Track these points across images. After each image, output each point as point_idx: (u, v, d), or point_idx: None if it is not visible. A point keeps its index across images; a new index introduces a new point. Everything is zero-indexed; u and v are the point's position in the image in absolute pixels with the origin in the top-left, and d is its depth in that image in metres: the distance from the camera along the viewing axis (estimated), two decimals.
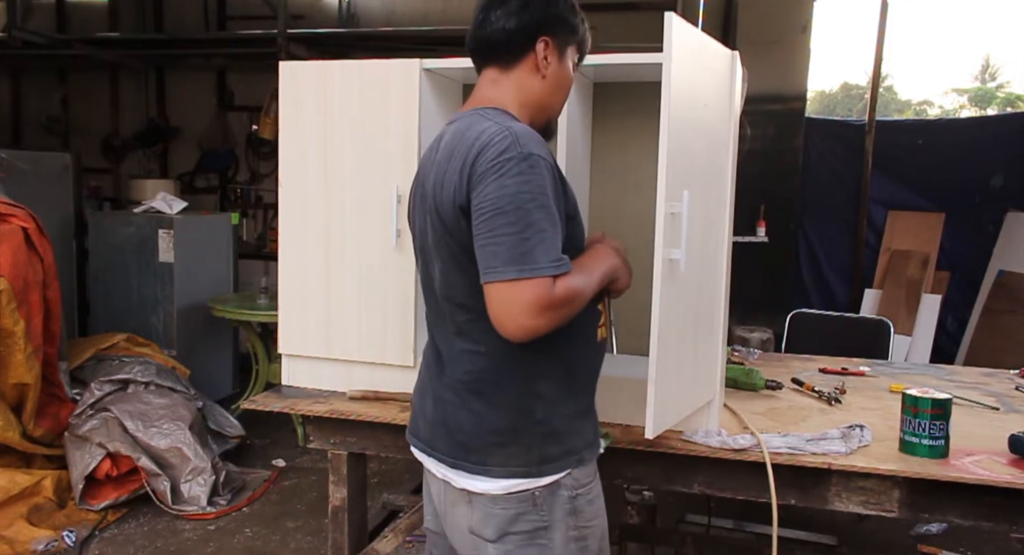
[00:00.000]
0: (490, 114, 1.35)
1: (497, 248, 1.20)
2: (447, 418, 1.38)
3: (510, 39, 1.41)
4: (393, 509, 2.97)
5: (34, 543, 2.87)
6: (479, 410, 1.34)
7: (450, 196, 1.29)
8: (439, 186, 1.32)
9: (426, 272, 1.44)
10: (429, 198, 1.36)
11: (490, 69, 1.46)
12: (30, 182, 4.03)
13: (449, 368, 1.39)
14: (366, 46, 4.95)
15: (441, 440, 1.39)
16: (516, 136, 1.26)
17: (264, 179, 6.01)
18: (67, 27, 6.13)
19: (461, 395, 1.36)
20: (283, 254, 2.23)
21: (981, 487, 1.62)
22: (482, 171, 1.24)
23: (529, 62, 1.42)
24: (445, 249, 1.33)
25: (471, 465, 1.34)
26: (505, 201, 1.21)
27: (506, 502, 1.33)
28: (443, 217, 1.31)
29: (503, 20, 1.41)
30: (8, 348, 3.10)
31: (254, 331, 4.16)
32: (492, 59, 1.45)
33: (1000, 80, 27.63)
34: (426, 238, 1.40)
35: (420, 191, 1.42)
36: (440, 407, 1.40)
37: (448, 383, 1.38)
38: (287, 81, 2.17)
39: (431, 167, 1.38)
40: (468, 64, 2.09)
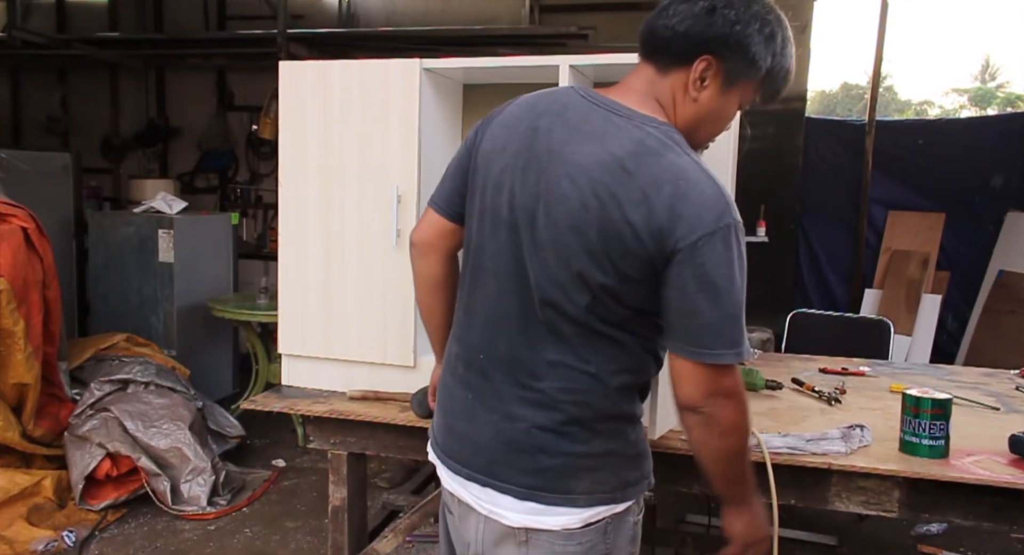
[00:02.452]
0: (679, 143, 1.19)
1: (715, 325, 1.14)
2: (524, 439, 1.21)
3: (671, 42, 1.21)
4: (393, 509, 2.97)
5: (34, 543, 2.87)
6: (574, 431, 1.21)
7: (632, 224, 1.12)
8: (612, 205, 1.13)
9: (509, 255, 1.23)
10: (579, 200, 1.15)
11: (649, 65, 1.25)
12: (30, 182, 4.03)
13: (529, 379, 1.22)
14: (366, 46, 4.95)
15: (507, 466, 1.22)
16: (728, 201, 1.15)
17: (264, 179, 6.01)
18: (67, 27, 6.13)
19: (550, 414, 1.21)
20: (283, 254, 2.23)
21: (981, 487, 1.62)
22: (695, 239, 1.11)
23: (682, 76, 1.22)
24: (582, 257, 1.16)
25: (552, 495, 1.20)
26: (727, 279, 1.13)
27: (582, 536, 1.21)
28: (605, 233, 1.14)
29: (678, 19, 1.20)
30: (8, 348, 3.10)
31: (254, 331, 4.16)
32: (652, 55, 1.24)
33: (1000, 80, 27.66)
34: (522, 220, 1.20)
35: (519, 163, 1.22)
36: (509, 426, 1.23)
37: (527, 398, 1.22)
38: (287, 81, 2.17)
39: (580, 157, 1.17)
40: (468, 64, 2.10)
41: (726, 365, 1.16)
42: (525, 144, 1.22)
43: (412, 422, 1.97)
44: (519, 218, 1.21)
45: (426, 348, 2.21)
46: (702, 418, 1.18)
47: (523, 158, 1.22)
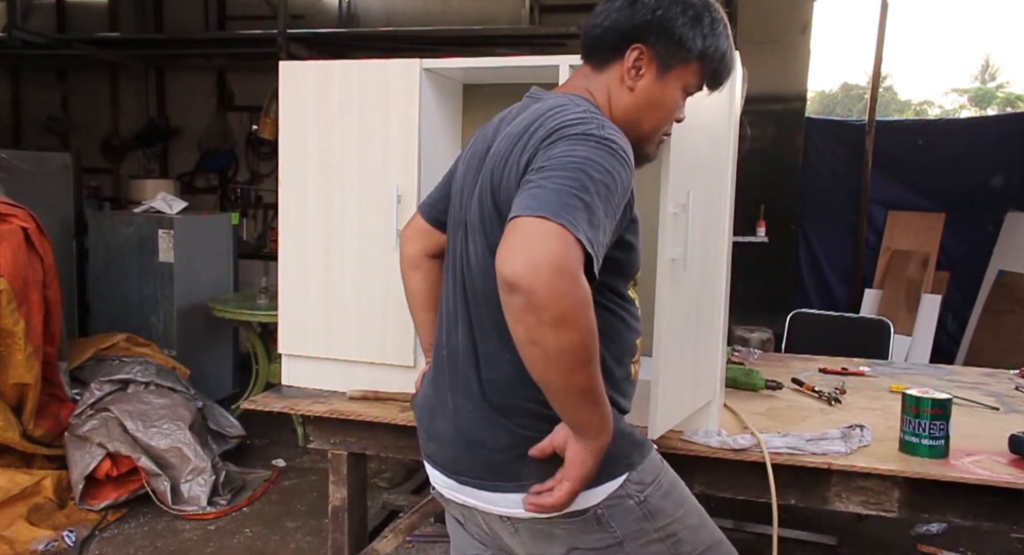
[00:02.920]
0: (582, 103, 1.21)
1: (541, 191, 1.02)
2: (468, 432, 1.23)
3: (601, 38, 1.26)
4: (393, 509, 2.97)
5: (34, 543, 2.87)
6: (507, 421, 1.19)
7: (513, 170, 1.14)
8: (502, 160, 1.17)
9: (459, 251, 1.27)
10: (487, 170, 1.21)
11: (585, 64, 1.31)
12: (30, 182, 4.03)
13: (471, 370, 1.23)
14: (366, 46, 4.95)
15: (463, 459, 1.24)
16: (603, 123, 1.13)
17: (264, 179, 6.01)
18: (67, 27, 6.13)
19: (484, 404, 1.20)
20: (283, 254, 2.23)
21: (981, 487, 1.62)
22: (554, 139, 1.10)
23: (617, 69, 1.26)
24: (493, 229, 1.17)
25: (507, 484, 1.19)
26: (571, 162, 1.06)
27: (564, 521, 1.19)
28: (498, 193, 1.16)
29: (603, 16, 1.26)
30: (8, 348, 3.10)
31: (254, 331, 4.16)
32: (587, 55, 1.30)
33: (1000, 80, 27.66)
34: (469, 213, 1.24)
35: (474, 162, 1.28)
36: (457, 419, 1.24)
37: (471, 390, 1.23)
38: (287, 81, 2.17)
39: (497, 138, 1.24)
40: (468, 64, 2.11)
41: (546, 222, 0.99)
42: (476, 149, 1.32)
43: (412, 422, 1.97)
44: (465, 216, 1.27)
45: None
46: (522, 300, 0.97)
47: (473, 160, 1.30)
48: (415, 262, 1.51)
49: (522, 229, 0.99)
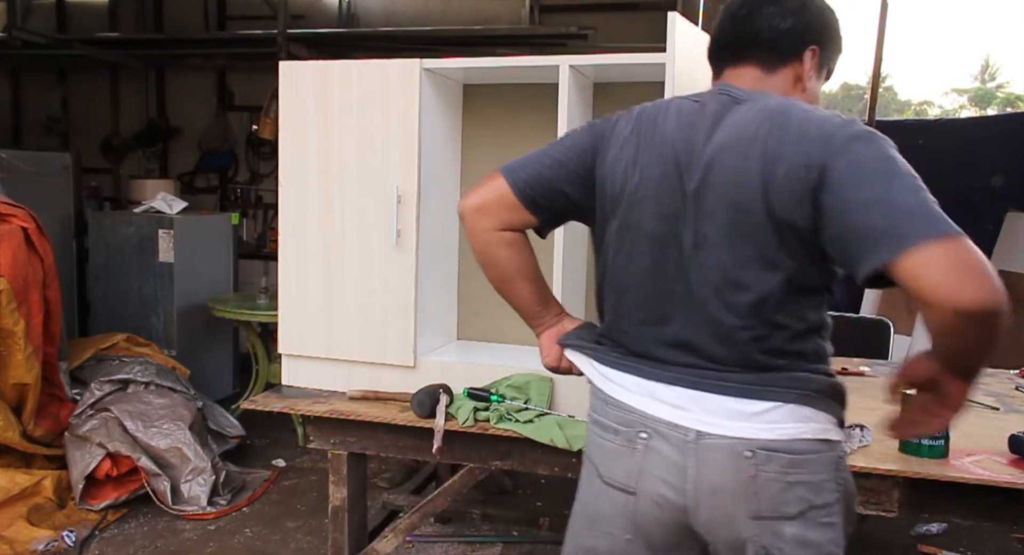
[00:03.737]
0: (796, 100, 1.22)
1: (912, 207, 1.02)
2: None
3: (780, 39, 1.27)
4: (393, 509, 2.97)
5: (34, 543, 2.87)
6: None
7: (796, 185, 1.10)
8: (759, 171, 1.12)
9: (672, 264, 1.22)
10: (728, 184, 1.15)
11: (748, 67, 1.28)
12: (30, 182, 4.03)
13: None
14: (366, 46, 4.95)
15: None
16: (864, 124, 1.16)
17: (264, 179, 6.01)
18: (67, 27, 6.13)
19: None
20: (283, 254, 2.23)
21: (981, 487, 1.62)
22: (841, 144, 1.09)
23: (792, 70, 1.28)
24: (757, 237, 1.14)
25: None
26: (891, 164, 1.08)
27: (818, 457, 1.17)
28: (773, 204, 1.12)
29: (777, 18, 1.26)
30: (8, 348, 3.10)
31: (254, 331, 4.16)
32: (753, 57, 1.28)
33: (1000, 80, 27.65)
34: (697, 222, 1.19)
35: (682, 171, 1.21)
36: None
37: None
38: (287, 81, 2.17)
39: (715, 147, 1.18)
40: (468, 64, 2.11)
41: (961, 243, 0.99)
42: (653, 161, 1.24)
43: (412, 422, 1.97)
44: (680, 227, 1.21)
45: (426, 348, 2.22)
46: (990, 320, 0.98)
47: (663, 165, 1.23)
48: (508, 240, 1.36)
49: (946, 256, 0.98)
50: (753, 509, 1.15)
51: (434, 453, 1.92)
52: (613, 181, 1.28)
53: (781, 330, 1.17)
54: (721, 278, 1.17)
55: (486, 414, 1.95)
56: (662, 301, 1.24)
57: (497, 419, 1.92)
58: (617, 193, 1.27)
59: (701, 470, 1.16)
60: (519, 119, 2.35)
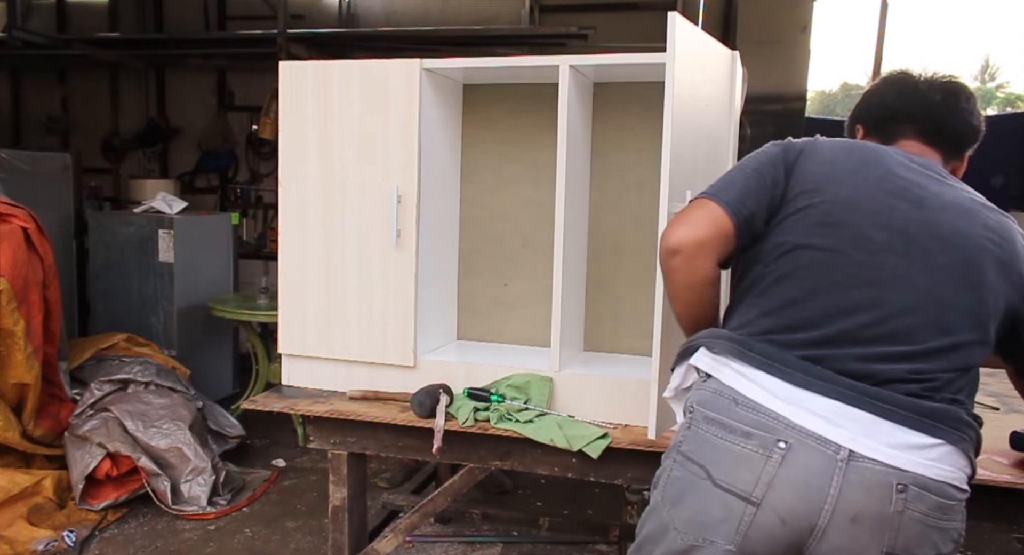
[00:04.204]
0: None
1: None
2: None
3: (966, 137, 1.41)
4: (393, 509, 2.97)
5: (34, 543, 2.87)
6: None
7: (1012, 281, 1.27)
8: (997, 246, 1.27)
9: (901, 277, 1.21)
10: (968, 235, 1.26)
11: (934, 152, 1.40)
12: (30, 182, 4.03)
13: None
14: (366, 46, 4.95)
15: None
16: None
17: (264, 179, 6.01)
18: (67, 27, 6.13)
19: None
20: (283, 254, 2.23)
21: (981, 487, 1.61)
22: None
23: (954, 166, 1.42)
24: (975, 298, 1.24)
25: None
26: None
27: (959, 505, 1.17)
28: (995, 283, 1.25)
29: (971, 116, 1.40)
30: (8, 348, 3.10)
31: (254, 331, 4.16)
32: (944, 145, 1.41)
33: (1000, 80, 27.63)
34: (912, 247, 1.23)
35: (911, 194, 1.27)
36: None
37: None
38: (287, 81, 2.17)
39: (948, 200, 1.29)
40: (468, 64, 2.10)
41: None
42: (894, 197, 1.27)
43: (412, 422, 1.97)
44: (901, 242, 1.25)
45: (426, 348, 2.22)
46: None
47: (882, 191, 1.27)
48: (714, 278, 1.30)
49: None
50: (889, 545, 1.09)
51: (434, 453, 1.92)
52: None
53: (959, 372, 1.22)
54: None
55: (486, 414, 1.95)
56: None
57: (497, 419, 1.92)
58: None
59: (845, 492, 1.08)
60: (519, 119, 2.35)
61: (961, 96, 1.39)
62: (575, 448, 1.81)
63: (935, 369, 1.16)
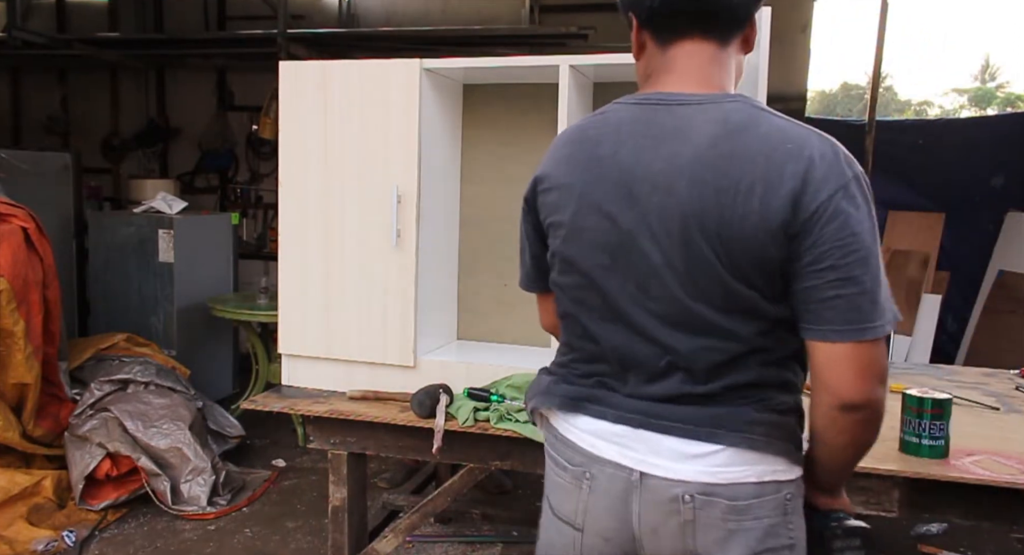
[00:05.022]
0: (767, 109, 1.10)
1: (864, 300, 1.01)
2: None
3: (736, 10, 1.12)
4: (393, 509, 2.97)
5: (34, 543, 2.87)
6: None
7: (754, 225, 1.03)
8: (717, 202, 1.04)
9: (624, 296, 1.14)
10: (678, 214, 1.07)
11: (703, 41, 1.13)
12: (30, 182, 4.03)
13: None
14: (366, 46, 4.95)
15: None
16: (835, 146, 1.08)
17: (264, 179, 6.01)
18: (67, 27, 6.13)
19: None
20: (283, 254, 2.23)
21: (981, 487, 1.62)
22: (826, 198, 1.02)
23: (739, 41, 1.16)
24: (700, 275, 1.07)
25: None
26: (863, 238, 1.02)
27: (760, 499, 1.12)
28: (725, 244, 1.05)
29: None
30: (8, 348, 3.10)
31: (254, 331, 4.16)
32: (709, 27, 1.12)
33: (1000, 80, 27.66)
34: (631, 256, 1.12)
35: (625, 194, 1.11)
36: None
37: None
38: (287, 81, 2.17)
39: (665, 167, 1.08)
40: (468, 64, 2.11)
41: (880, 342, 1.03)
42: (591, 182, 1.14)
43: (412, 422, 1.97)
44: (627, 257, 1.13)
45: (426, 348, 2.22)
46: (865, 415, 1.04)
47: (598, 199, 1.13)
48: (550, 326, 1.39)
49: (860, 355, 1.02)
50: (691, 551, 1.12)
51: (434, 453, 1.92)
52: None
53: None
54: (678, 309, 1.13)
55: (486, 414, 1.95)
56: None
57: (497, 419, 1.92)
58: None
59: (643, 510, 1.13)
60: (519, 119, 2.35)
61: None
62: None
63: (703, 389, 1.12)
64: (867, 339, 1.02)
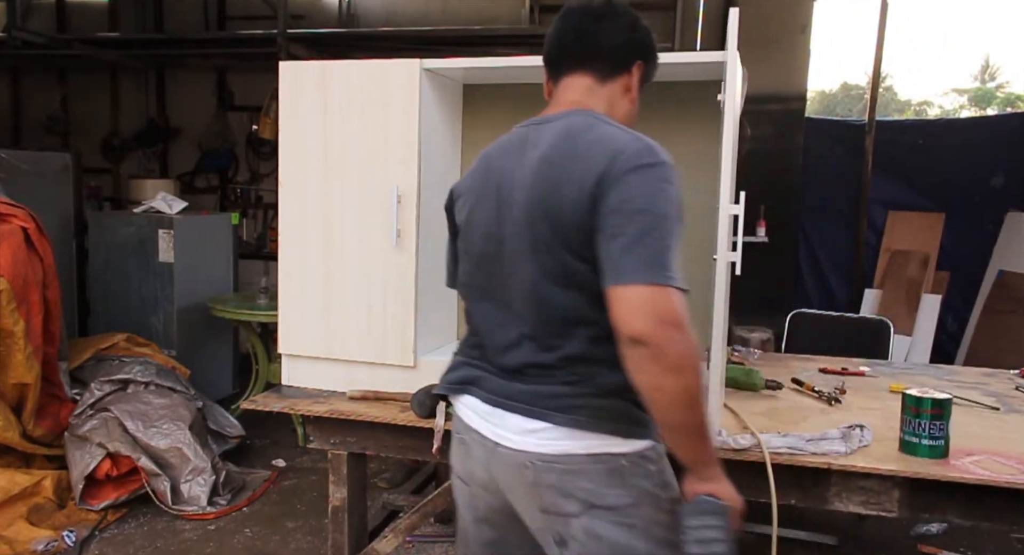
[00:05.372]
0: (606, 119, 1.35)
1: (642, 250, 1.17)
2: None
3: (617, 52, 1.42)
4: (393, 509, 2.97)
5: (34, 543, 2.87)
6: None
7: (573, 200, 1.24)
8: (551, 189, 1.27)
9: (498, 278, 1.38)
10: (527, 203, 1.30)
11: (583, 76, 1.42)
12: (30, 182, 4.03)
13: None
14: (366, 46, 4.95)
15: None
16: (651, 144, 1.27)
17: (264, 179, 6.01)
18: (67, 27, 6.13)
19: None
20: (283, 254, 2.23)
21: (981, 487, 1.62)
22: (622, 171, 1.22)
23: (623, 81, 1.43)
24: (548, 254, 1.28)
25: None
26: (651, 203, 1.20)
27: (593, 467, 1.29)
28: (557, 222, 1.26)
29: (615, 34, 1.42)
30: (8, 348, 3.10)
31: (254, 331, 4.16)
32: (590, 67, 1.42)
33: (1000, 80, 27.62)
34: (510, 242, 1.34)
35: (498, 194, 1.36)
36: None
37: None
38: (287, 81, 2.17)
39: (523, 169, 1.33)
40: (468, 64, 2.11)
41: (662, 288, 1.16)
42: (480, 187, 1.42)
43: (412, 422, 1.97)
44: (499, 247, 1.37)
45: (426, 348, 2.22)
46: (650, 351, 1.15)
47: (488, 196, 1.39)
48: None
49: (636, 294, 1.17)
50: (539, 505, 1.32)
51: (434, 453, 1.92)
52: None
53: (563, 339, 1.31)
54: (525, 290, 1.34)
55: None
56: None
57: None
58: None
59: (499, 472, 1.37)
60: (519, 119, 2.33)
61: (598, 22, 1.42)
62: None
63: (545, 358, 1.32)
64: (637, 282, 1.16)
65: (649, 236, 1.18)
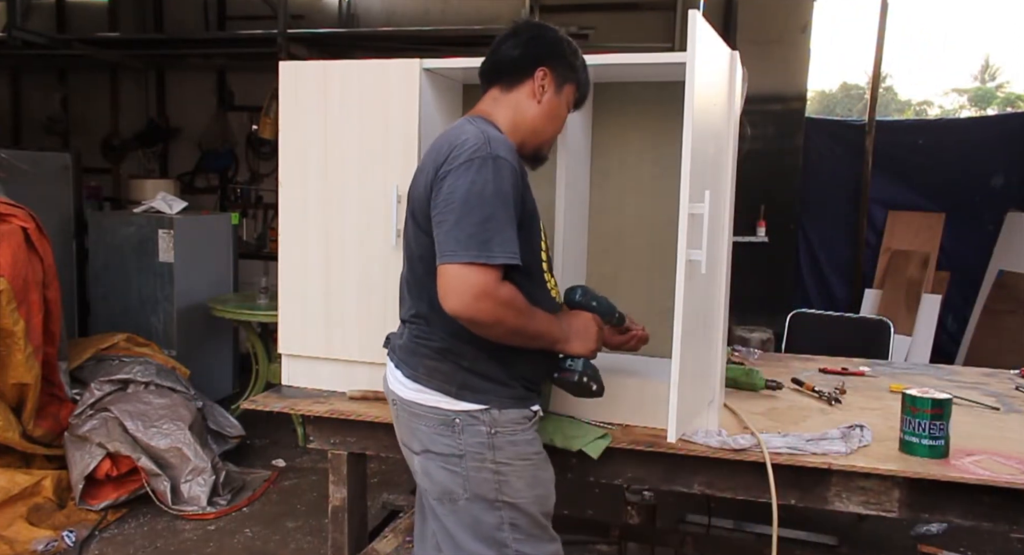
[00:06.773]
0: (475, 121, 1.55)
1: (459, 234, 1.39)
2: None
3: (514, 63, 1.62)
4: (393, 509, 2.97)
5: (34, 543, 2.87)
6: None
7: (422, 192, 1.50)
8: (416, 184, 1.55)
9: (406, 250, 1.66)
10: (409, 196, 1.60)
11: (493, 89, 1.66)
12: (30, 182, 4.03)
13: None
14: (366, 46, 4.95)
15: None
16: (488, 139, 1.46)
17: (264, 179, 6.01)
18: (67, 27, 6.13)
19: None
20: (283, 254, 2.23)
21: (981, 487, 1.62)
22: (452, 166, 1.43)
23: (527, 87, 1.62)
24: (417, 243, 1.55)
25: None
26: (471, 193, 1.40)
27: (430, 419, 1.57)
28: (416, 212, 1.53)
29: (512, 49, 1.62)
30: (8, 348, 3.10)
31: (254, 331, 4.16)
32: (496, 81, 1.65)
33: (1000, 80, 27.64)
34: (407, 233, 1.62)
35: (413, 183, 1.61)
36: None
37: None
38: (287, 81, 2.17)
39: (419, 168, 1.60)
40: (468, 64, 2.10)
41: (475, 266, 1.37)
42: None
43: None
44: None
45: None
46: (465, 321, 1.41)
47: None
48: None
49: (448, 274, 1.40)
50: (401, 438, 1.68)
51: None
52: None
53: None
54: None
55: None
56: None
57: None
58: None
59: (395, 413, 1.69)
60: None
61: (501, 41, 1.65)
62: (575, 448, 1.81)
63: (406, 314, 1.64)
64: (454, 262, 1.38)
65: (466, 219, 1.39)
